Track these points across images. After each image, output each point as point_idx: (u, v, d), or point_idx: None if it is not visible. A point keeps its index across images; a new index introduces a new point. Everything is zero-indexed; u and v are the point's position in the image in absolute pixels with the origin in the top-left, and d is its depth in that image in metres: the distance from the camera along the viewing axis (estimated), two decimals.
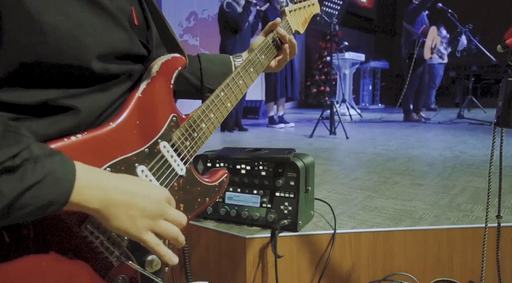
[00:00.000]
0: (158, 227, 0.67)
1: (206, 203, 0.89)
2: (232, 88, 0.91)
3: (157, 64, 0.77)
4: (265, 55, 1.01)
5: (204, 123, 0.85)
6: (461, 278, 1.42)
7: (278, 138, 4.45)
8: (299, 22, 1.14)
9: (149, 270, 0.75)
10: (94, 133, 0.66)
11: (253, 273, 1.35)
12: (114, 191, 0.61)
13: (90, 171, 0.60)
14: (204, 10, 8.28)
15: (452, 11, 6.14)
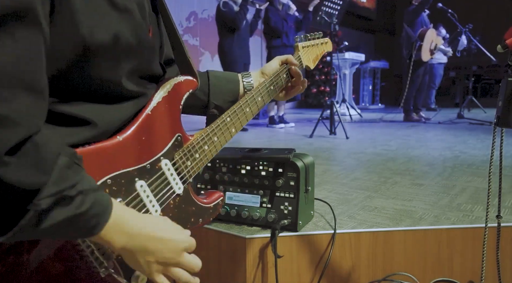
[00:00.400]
0: (171, 272, 0.71)
1: (198, 223, 0.90)
2: (238, 115, 0.94)
3: (169, 84, 0.79)
4: (273, 86, 1.04)
5: (207, 146, 0.86)
6: (461, 278, 1.42)
7: (278, 138, 4.45)
8: (310, 58, 1.18)
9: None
10: (100, 145, 0.68)
11: (253, 273, 1.35)
12: (138, 237, 0.65)
13: (123, 213, 0.65)
14: (204, 10, 8.29)
15: (452, 11, 6.14)
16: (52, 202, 0.54)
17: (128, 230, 0.64)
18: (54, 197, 0.54)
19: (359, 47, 8.62)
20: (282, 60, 1.10)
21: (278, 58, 1.10)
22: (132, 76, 0.73)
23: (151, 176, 0.76)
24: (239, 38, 4.91)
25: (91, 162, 0.66)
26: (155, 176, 0.77)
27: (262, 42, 8.98)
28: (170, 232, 0.70)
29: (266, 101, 1.02)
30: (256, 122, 6.52)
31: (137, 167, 0.73)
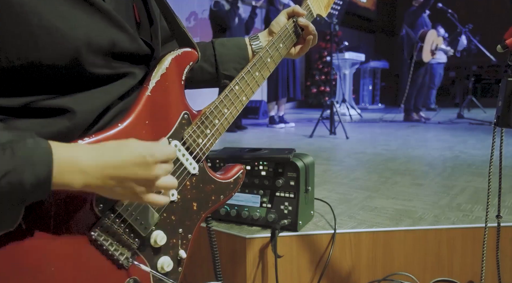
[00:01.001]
0: (157, 187, 0.65)
1: (220, 200, 0.86)
2: (248, 81, 0.86)
3: (167, 60, 0.74)
4: (283, 43, 0.96)
5: (218, 119, 0.81)
6: (461, 278, 1.42)
7: (278, 138, 4.45)
8: (321, 5, 1.08)
9: (161, 271, 0.74)
10: (102, 136, 0.65)
11: (253, 273, 1.35)
12: (99, 168, 0.59)
13: (70, 149, 0.58)
14: (204, 10, 8.28)
15: (452, 11, 6.14)
16: None
17: (82, 165, 0.57)
18: None
19: (359, 47, 8.61)
20: (288, 12, 1.01)
21: (284, 11, 1.01)
22: (101, 59, 0.66)
23: None
24: (231, 37, 4.91)
25: None
26: None
27: None
28: (133, 150, 0.62)
29: (277, 62, 0.95)
30: (256, 122, 6.53)
31: None
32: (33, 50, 0.59)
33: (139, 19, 0.76)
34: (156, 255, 0.74)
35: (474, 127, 5.19)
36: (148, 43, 0.76)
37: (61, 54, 0.61)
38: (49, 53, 0.60)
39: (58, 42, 0.60)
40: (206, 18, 8.36)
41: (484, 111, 7.12)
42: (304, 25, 0.99)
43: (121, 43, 0.69)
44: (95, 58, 0.65)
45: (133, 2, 0.76)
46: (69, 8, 0.62)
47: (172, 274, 0.77)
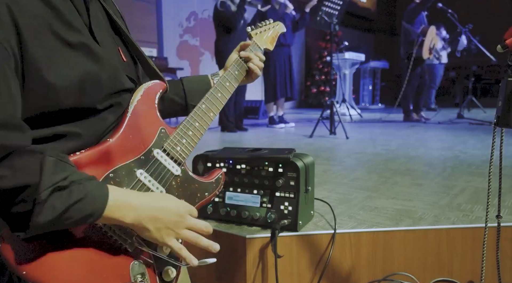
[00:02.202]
0: (181, 235, 0.82)
1: (206, 197, 1.00)
2: (212, 101, 1.04)
3: (141, 90, 0.92)
4: (238, 70, 1.15)
5: (191, 131, 0.97)
6: (461, 278, 1.42)
7: (278, 138, 4.46)
8: (267, 41, 1.29)
9: (161, 252, 0.86)
10: (96, 149, 0.80)
11: (253, 273, 1.35)
12: (142, 209, 0.76)
13: (121, 192, 0.76)
14: (204, 10, 8.28)
15: (452, 11, 6.14)
16: (50, 192, 0.65)
17: (133, 205, 0.75)
18: (50, 188, 0.65)
19: (359, 47, 8.61)
20: (237, 49, 1.22)
21: (235, 50, 1.23)
22: (106, 98, 0.85)
23: (147, 164, 0.88)
24: (235, 38, 4.89)
25: (91, 163, 0.78)
26: (150, 163, 0.88)
27: None
28: (170, 200, 0.82)
29: (235, 85, 1.13)
30: (256, 123, 6.53)
31: (133, 160, 0.85)
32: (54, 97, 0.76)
33: (125, 59, 0.95)
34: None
35: (474, 127, 5.19)
36: (133, 79, 0.96)
37: (78, 101, 0.79)
38: (69, 101, 0.77)
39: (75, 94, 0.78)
40: (206, 18, 8.37)
41: (484, 111, 7.12)
42: (245, 56, 1.18)
43: (119, 82, 0.89)
44: (103, 99, 0.84)
45: (118, 46, 0.95)
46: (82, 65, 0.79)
47: (172, 256, 0.88)
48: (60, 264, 0.71)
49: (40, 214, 0.64)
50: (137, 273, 0.82)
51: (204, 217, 1.48)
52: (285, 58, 5.51)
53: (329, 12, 4.69)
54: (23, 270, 0.68)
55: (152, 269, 0.85)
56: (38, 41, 0.72)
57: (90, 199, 0.69)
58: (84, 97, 0.79)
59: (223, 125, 5.05)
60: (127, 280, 0.80)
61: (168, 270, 0.87)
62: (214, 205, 1.45)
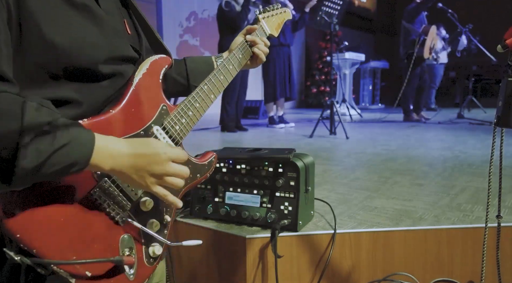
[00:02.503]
0: (164, 182, 0.81)
1: (197, 178, 1.01)
2: (214, 82, 1.04)
3: (147, 63, 0.91)
4: (242, 54, 1.15)
5: (191, 111, 0.97)
6: (461, 278, 1.42)
7: (278, 138, 4.45)
8: (272, 26, 1.27)
9: (150, 229, 0.88)
10: (97, 119, 0.79)
11: (253, 273, 1.35)
12: (121, 157, 0.75)
13: (105, 138, 0.74)
14: (204, 10, 8.29)
15: (452, 11, 6.14)
16: (34, 136, 0.63)
17: (112, 152, 0.74)
18: (34, 132, 0.63)
19: (359, 47, 8.61)
20: (243, 32, 1.21)
21: (241, 33, 1.21)
22: (109, 61, 0.84)
23: None
24: None
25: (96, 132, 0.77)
26: None
27: None
28: (152, 147, 0.79)
29: (238, 68, 1.14)
30: (256, 123, 6.53)
31: (132, 134, 0.85)
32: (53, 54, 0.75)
33: (130, 32, 0.95)
34: (146, 217, 0.88)
35: (474, 127, 5.19)
36: (137, 50, 0.96)
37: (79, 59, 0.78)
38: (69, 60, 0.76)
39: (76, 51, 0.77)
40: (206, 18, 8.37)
41: (484, 111, 7.12)
42: (251, 40, 1.17)
43: (119, 48, 0.88)
44: (105, 61, 0.83)
45: (123, 18, 0.95)
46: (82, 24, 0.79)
47: (160, 234, 0.90)
48: (51, 230, 0.72)
49: (25, 159, 0.62)
50: (126, 247, 0.83)
51: (204, 217, 1.48)
52: (285, 58, 5.51)
53: (329, 12, 4.69)
54: (16, 233, 0.68)
55: (140, 244, 0.86)
56: None
57: (76, 144, 0.68)
58: (83, 57, 0.78)
59: (223, 125, 5.05)
60: (115, 251, 0.81)
61: (155, 247, 0.89)
62: (214, 205, 1.45)
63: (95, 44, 0.80)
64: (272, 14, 1.28)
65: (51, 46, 0.74)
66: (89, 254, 0.76)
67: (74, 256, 0.74)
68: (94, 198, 0.78)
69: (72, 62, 0.77)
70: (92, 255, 0.77)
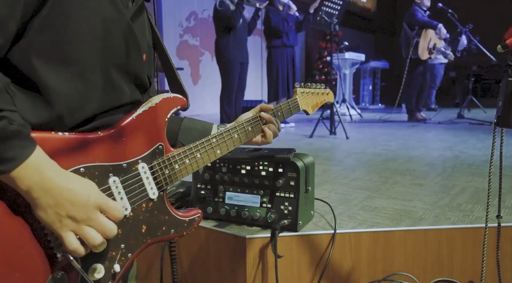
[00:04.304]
0: (81, 231, 0.68)
1: (170, 234, 0.88)
2: (225, 139, 0.98)
3: (158, 98, 0.85)
4: (251, 127, 1.09)
5: (188, 160, 0.90)
6: (461, 278, 1.42)
7: (278, 138, 4.43)
8: (309, 104, 1.23)
9: (91, 276, 0.74)
10: (81, 135, 0.73)
11: (253, 273, 1.35)
12: (52, 183, 0.65)
13: (46, 161, 0.65)
14: (204, 10, 8.28)
15: (452, 11, 6.14)
16: None
17: (44, 178, 0.64)
18: None
19: (359, 47, 8.61)
20: (256, 110, 1.15)
21: (252, 110, 1.15)
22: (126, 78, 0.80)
23: (126, 174, 0.79)
24: (235, 37, 4.91)
25: (68, 148, 0.70)
26: (130, 175, 0.80)
27: (262, 42, 8.98)
28: (86, 188, 0.69)
29: (257, 133, 1.09)
30: None
31: (114, 164, 0.77)
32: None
33: (145, 60, 0.89)
34: (92, 259, 0.74)
35: (474, 127, 5.19)
36: (149, 78, 0.91)
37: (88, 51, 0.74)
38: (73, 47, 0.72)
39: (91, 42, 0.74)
40: (206, 18, 8.36)
41: (484, 111, 7.11)
42: (266, 118, 1.11)
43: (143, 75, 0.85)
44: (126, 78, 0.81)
45: (144, 52, 0.88)
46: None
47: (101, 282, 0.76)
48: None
49: None
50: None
51: (205, 217, 1.48)
52: (288, 59, 5.52)
53: (329, 12, 4.69)
54: None
55: None
56: None
57: (12, 141, 0.61)
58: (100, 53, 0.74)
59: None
60: None
61: None
62: (214, 205, 1.45)
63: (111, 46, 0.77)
64: (313, 92, 1.24)
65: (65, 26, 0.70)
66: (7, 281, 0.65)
67: None
68: (39, 221, 0.67)
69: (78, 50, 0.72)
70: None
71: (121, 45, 0.79)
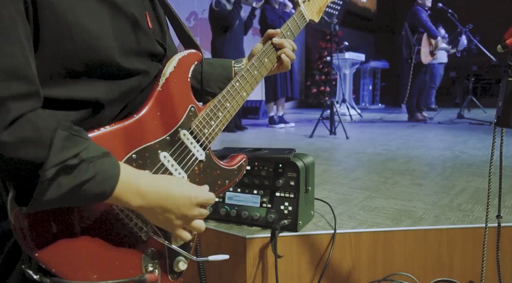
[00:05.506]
0: (189, 227, 0.80)
1: (226, 185, 0.96)
2: (247, 79, 0.97)
3: (174, 60, 0.84)
4: (268, 58, 1.04)
5: (221, 112, 0.91)
6: (461, 278, 1.42)
7: (278, 138, 4.45)
8: (313, 11, 1.15)
9: (175, 244, 0.84)
10: (120, 125, 0.75)
11: (253, 273, 1.35)
12: (151, 196, 0.72)
13: (133, 174, 0.71)
14: (204, 10, 8.28)
15: (452, 11, 6.14)
16: (56, 171, 0.60)
17: (141, 190, 0.71)
18: (57, 167, 0.60)
19: (359, 47, 8.61)
20: (263, 38, 1.09)
21: (260, 40, 1.10)
22: (128, 55, 0.78)
23: (172, 147, 0.83)
24: (231, 37, 4.91)
25: (114, 141, 0.74)
26: (175, 146, 0.83)
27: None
28: (181, 189, 0.76)
29: (273, 62, 1.05)
30: (256, 123, 6.52)
31: (158, 140, 0.80)
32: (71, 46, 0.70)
33: (151, 26, 0.87)
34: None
35: (474, 127, 5.19)
36: (161, 44, 0.88)
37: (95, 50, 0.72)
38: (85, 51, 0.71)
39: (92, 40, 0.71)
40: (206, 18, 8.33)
41: (484, 111, 7.11)
42: (278, 43, 1.05)
43: (142, 43, 0.81)
44: (123, 54, 0.76)
45: (146, 10, 0.86)
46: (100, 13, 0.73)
47: (185, 247, 0.86)
48: (72, 249, 0.69)
49: (44, 192, 0.60)
50: (149, 262, 0.80)
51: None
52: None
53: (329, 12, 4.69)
54: (35, 252, 0.65)
55: (164, 259, 0.83)
56: None
57: (99, 179, 0.65)
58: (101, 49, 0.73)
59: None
60: (138, 268, 0.78)
61: (180, 261, 0.85)
62: (214, 205, 1.45)
63: (112, 36, 0.74)
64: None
65: (69, 37, 0.69)
66: (111, 273, 0.73)
67: (95, 275, 0.71)
68: (117, 212, 0.75)
69: (90, 56, 0.72)
70: (113, 273, 0.74)
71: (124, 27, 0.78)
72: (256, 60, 1.00)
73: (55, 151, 0.61)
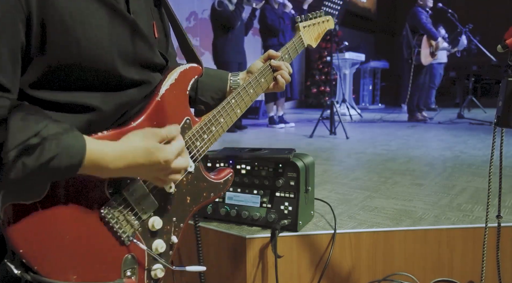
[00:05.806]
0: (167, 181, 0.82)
1: (210, 198, 0.98)
2: (243, 96, 1.00)
3: (176, 72, 0.87)
4: (264, 78, 1.09)
5: (214, 127, 0.94)
6: (461, 278, 1.42)
7: (278, 138, 4.45)
8: (312, 36, 1.21)
9: (155, 251, 0.86)
10: (117, 130, 0.78)
11: (253, 273, 1.35)
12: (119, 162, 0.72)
13: (96, 145, 0.70)
14: (204, 10, 8.29)
15: (452, 11, 6.14)
16: (18, 152, 0.61)
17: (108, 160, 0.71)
18: (18, 148, 0.62)
19: (359, 47, 8.60)
20: (264, 57, 1.14)
21: (260, 57, 1.15)
22: (130, 65, 0.80)
23: None
24: (232, 37, 4.91)
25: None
26: None
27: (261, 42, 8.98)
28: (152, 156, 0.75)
29: (269, 82, 1.09)
30: (256, 123, 6.52)
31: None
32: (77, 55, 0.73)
33: (157, 35, 0.90)
34: (152, 237, 0.86)
35: (474, 127, 5.19)
36: (164, 55, 0.91)
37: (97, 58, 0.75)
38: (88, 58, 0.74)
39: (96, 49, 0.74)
40: (206, 18, 8.36)
41: (484, 111, 7.12)
42: (276, 66, 1.10)
43: (145, 54, 0.83)
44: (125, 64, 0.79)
45: (153, 20, 0.90)
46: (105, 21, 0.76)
47: (164, 256, 0.88)
48: (55, 249, 0.71)
49: (9, 172, 0.61)
50: (128, 267, 0.81)
51: (204, 217, 1.48)
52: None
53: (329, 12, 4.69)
54: (20, 248, 0.67)
55: (142, 266, 0.84)
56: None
57: (65, 155, 0.65)
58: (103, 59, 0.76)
59: None
60: (117, 272, 0.79)
61: (157, 269, 0.87)
62: (214, 205, 1.45)
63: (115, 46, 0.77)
64: (314, 23, 1.21)
65: (75, 46, 0.72)
66: (90, 275, 0.75)
67: (74, 276, 0.73)
68: (103, 215, 0.76)
69: (93, 64, 0.74)
70: (93, 276, 0.75)
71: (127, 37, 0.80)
72: (253, 79, 1.04)
73: (13, 132, 0.62)
